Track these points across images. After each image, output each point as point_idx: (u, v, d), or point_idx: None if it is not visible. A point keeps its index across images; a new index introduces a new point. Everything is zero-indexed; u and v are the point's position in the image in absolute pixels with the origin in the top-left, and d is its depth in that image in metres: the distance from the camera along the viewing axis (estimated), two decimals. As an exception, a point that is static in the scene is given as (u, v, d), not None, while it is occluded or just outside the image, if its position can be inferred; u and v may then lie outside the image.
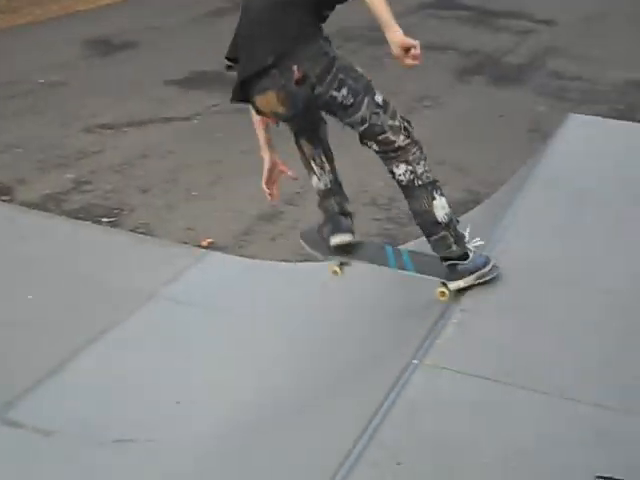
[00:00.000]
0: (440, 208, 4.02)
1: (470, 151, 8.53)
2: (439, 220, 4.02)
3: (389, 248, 4.67)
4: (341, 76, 3.86)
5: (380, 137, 3.94)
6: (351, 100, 3.86)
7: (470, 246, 4.15)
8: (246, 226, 7.09)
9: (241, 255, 6.36)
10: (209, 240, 6.71)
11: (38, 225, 6.96)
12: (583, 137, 6.38)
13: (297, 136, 4.41)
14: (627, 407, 3.43)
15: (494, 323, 4.10)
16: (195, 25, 13.65)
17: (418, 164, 3.99)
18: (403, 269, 4.43)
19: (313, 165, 4.39)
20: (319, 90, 3.84)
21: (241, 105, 4.42)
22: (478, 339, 3.97)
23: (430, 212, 4.02)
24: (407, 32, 3.73)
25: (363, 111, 3.88)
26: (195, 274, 6.18)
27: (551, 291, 4.36)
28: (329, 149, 4.41)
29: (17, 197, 7.47)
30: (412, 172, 3.99)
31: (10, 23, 13.32)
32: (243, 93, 4.15)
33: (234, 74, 4.50)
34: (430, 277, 4.29)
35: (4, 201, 7.36)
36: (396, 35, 3.75)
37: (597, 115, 8.33)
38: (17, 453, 4.43)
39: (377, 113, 3.92)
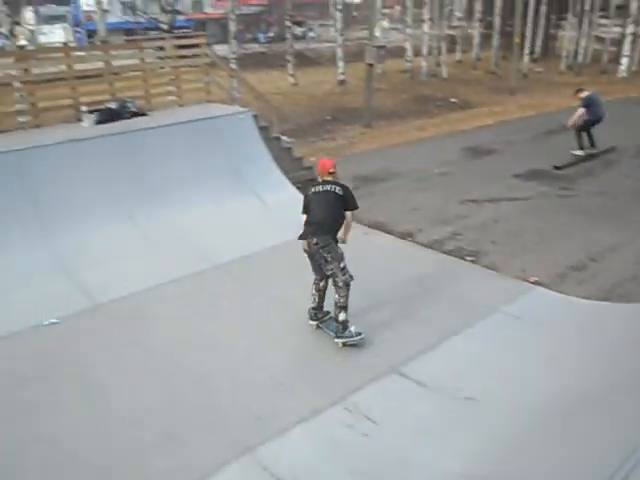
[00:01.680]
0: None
1: None
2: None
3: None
4: (329, 250, 5.15)
5: (336, 279, 5.15)
6: (329, 259, 5.13)
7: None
8: (561, 271, 6.70)
9: (557, 291, 5.99)
10: (535, 278, 6.44)
11: (429, 257, 7.18)
12: None
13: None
14: None
15: None
16: (535, 140, 13.15)
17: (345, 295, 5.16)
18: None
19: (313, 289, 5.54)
20: (322, 251, 5.15)
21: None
22: None
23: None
24: None
25: (333, 266, 5.13)
26: (525, 299, 6.00)
27: None
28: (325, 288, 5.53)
29: (416, 239, 7.80)
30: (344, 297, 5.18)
31: (419, 137, 13.91)
32: (303, 238, 5.29)
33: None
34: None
35: (410, 241, 7.71)
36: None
37: None
38: (402, 396, 4.63)
39: (338, 269, 5.14)
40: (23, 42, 13.83)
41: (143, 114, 9.19)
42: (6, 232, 6.67)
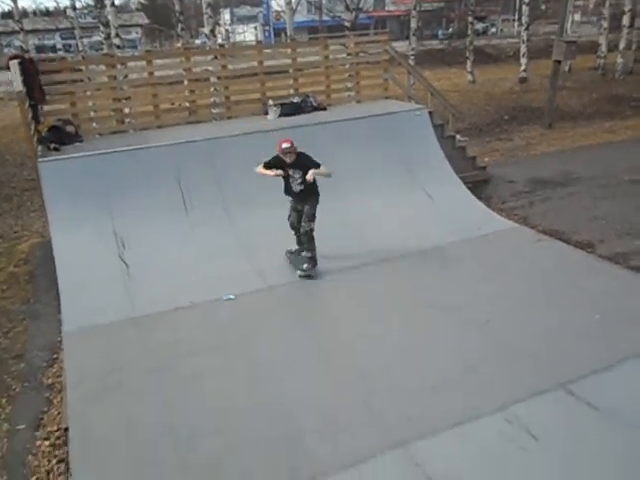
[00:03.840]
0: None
1: None
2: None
3: None
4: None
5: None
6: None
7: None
8: None
9: None
10: None
11: (611, 272, 6.59)
12: None
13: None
14: None
15: None
16: None
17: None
18: None
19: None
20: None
21: None
22: None
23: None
24: None
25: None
26: None
27: None
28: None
29: (597, 251, 7.22)
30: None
31: (608, 140, 12.78)
32: None
33: None
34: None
35: (588, 252, 7.15)
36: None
37: None
38: (569, 416, 4.30)
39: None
40: (221, 41, 15.12)
41: (323, 108, 9.60)
42: (199, 213, 7.39)
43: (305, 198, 6.52)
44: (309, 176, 6.24)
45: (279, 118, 9.16)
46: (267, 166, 6.49)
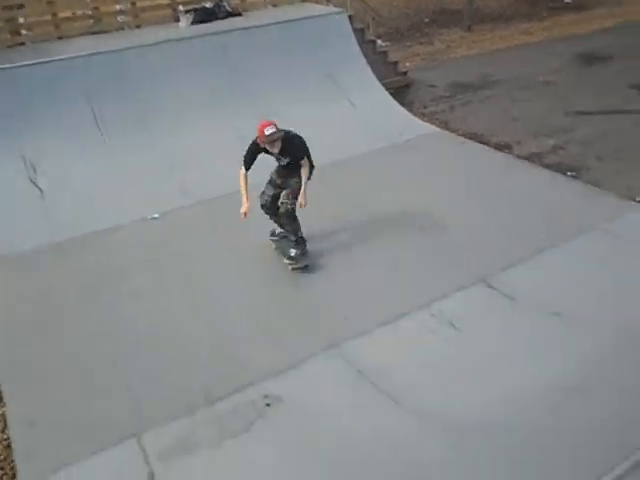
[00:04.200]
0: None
1: None
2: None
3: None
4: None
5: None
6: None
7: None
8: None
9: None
10: (640, 198, 6.06)
11: (527, 171, 6.89)
12: None
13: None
14: None
15: None
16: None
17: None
18: None
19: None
20: None
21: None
22: None
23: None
24: None
25: None
26: (628, 218, 5.68)
27: None
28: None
29: (514, 152, 7.50)
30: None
31: (525, 42, 12.89)
32: None
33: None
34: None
35: (506, 153, 7.42)
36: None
37: None
38: (488, 307, 4.60)
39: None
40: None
41: (238, 14, 9.12)
42: (114, 132, 7.02)
43: (293, 172, 5.07)
44: (302, 201, 5.01)
45: (192, 25, 8.65)
46: (249, 162, 4.98)
